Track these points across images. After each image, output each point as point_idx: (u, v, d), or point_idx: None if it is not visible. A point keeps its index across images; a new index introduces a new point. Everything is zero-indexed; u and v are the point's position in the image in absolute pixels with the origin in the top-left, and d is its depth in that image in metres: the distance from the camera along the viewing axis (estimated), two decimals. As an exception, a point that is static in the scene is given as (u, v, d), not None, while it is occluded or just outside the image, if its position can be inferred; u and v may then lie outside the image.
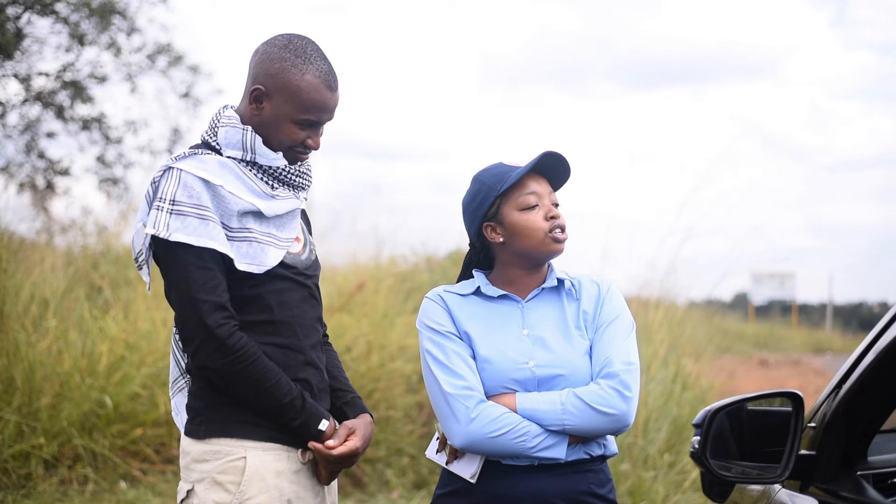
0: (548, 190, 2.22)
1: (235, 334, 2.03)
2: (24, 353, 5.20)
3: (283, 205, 2.15)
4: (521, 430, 2.08)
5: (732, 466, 1.98)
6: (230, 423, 2.08)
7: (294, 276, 2.16)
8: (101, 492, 5.06)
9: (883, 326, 1.84)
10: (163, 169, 2.10)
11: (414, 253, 9.52)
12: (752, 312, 27.62)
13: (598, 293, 2.24)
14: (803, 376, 12.96)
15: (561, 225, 2.20)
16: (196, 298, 2.03)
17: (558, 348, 2.15)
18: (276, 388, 2.05)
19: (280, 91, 2.11)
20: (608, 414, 2.08)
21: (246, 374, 2.03)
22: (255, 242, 2.09)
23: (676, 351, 6.64)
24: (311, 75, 2.11)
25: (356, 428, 2.18)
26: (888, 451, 2.04)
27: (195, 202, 2.04)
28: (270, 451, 2.09)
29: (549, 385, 2.13)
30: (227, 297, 2.06)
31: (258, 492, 2.06)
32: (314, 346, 2.20)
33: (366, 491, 5.72)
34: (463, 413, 2.09)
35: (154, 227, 2.03)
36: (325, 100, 2.13)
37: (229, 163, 2.12)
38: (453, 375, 2.12)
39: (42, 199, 9.63)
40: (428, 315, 2.21)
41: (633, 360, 2.14)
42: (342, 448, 2.12)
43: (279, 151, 2.16)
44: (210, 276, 2.04)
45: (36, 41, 9.47)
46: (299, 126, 2.14)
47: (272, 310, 2.11)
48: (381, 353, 6.46)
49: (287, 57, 2.12)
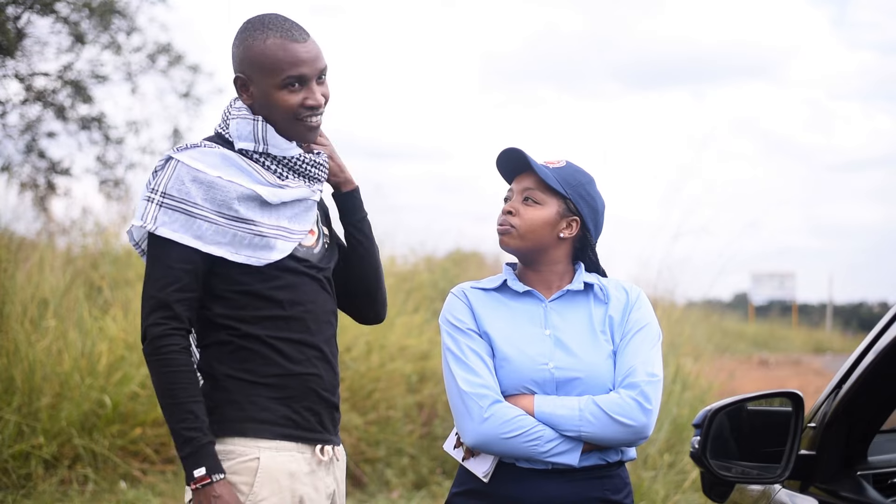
0: (522, 186, 2.20)
1: (167, 337, 2.02)
2: (24, 353, 5.20)
3: (288, 193, 2.12)
4: (534, 434, 2.06)
5: (732, 466, 1.98)
6: (244, 423, 2.06)
7: (306, 269, 2.14)
8: (101, 492, 5.06)
9: (883, 326, 1.84)
10: (164, 158, 2.10)
11: (413, 253, 9.53)
12: (752, 312, 27.61)
13: (627, 300, 2.19)
14: (803, 376, 12.95)
15: (500, 220, 2.19)
16: (146, 293, 2.05)
17: (580, 351, 2.13)
18: (176, 409, 2.00)
19: (253, 67, 2.11)
20: (626, 425, 2.06)
21: (158, 381, 2.02)
22: (259, 235, 2.08)
23: (676, 351, 6.64)
24: (271, 39, 2.09)
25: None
26: (888, 451, 2.03)
27: (184, 197, 2.04)
28: (284, 452, 2.07)
29: (567, 388, 2.11)
30: (179, 298, 2.03)
31: (270, 493, 2.04)
32: (328, 341, 2.18)
33: (366, 491, 5.72)
34: (477, 412, 2.08)
35: (142, 218, 2.05)
36: (294, 53, 2.09)
37: (234, 156, 2.10)
38: (470, 373, 2.11)
39: (42, 200, 9.63)
40: (450, 311, 2.20)
41: (656, 373, 2.11)
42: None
43: (291, 139, 2.14)
44: (168, 273, 2.03)
45: (36, 41, 9.47)
46: (287, 91, 2.10)
47: (283, 305, 2.10)
48: (381, 353, 6.45)
49: (247, 35, 2.12)
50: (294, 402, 2.10)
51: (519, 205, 2.18)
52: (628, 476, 2.19)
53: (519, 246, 2.18)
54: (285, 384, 2.09)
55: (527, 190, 2.18)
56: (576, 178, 2.20)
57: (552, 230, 2.18)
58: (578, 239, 2.22)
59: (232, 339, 2.08)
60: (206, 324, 2.09)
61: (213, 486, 1.98)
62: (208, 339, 2.10)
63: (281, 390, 2.09)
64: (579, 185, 2.20)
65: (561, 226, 2.18)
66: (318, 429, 2.14)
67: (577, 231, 2.20)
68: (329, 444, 2.16)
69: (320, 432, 2.14)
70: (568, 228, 2.19)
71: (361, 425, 5.98)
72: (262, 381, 2.08)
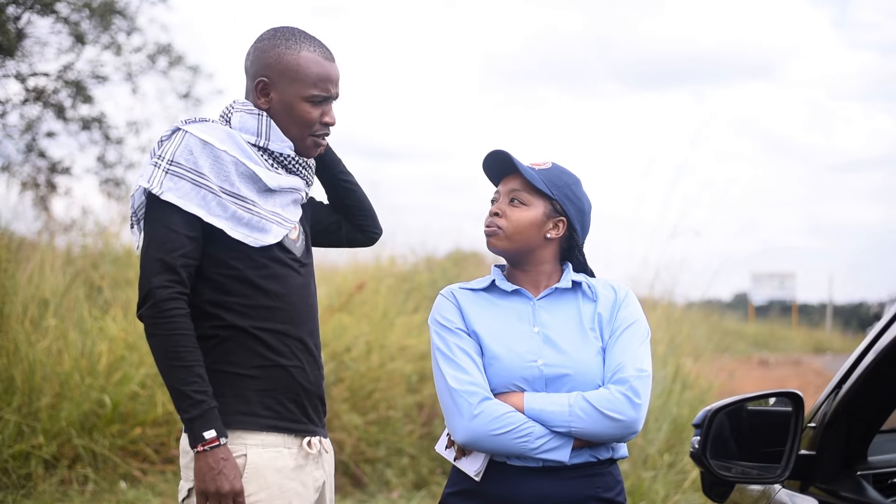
0: (509, 188, 2.21)
1: (174, 300, 2.01)
2: (24, 353, 5.21)
3: (285, 180, 2.16)
4: (524, 430, 2.07)
5: (732, 466, 1.98)
6: (230, 416, 2.07)
7: (291, 261, 2.16)
8: (101, 492, 5.06)
9: (883, 326, 1.84)
10: (171, 129, 2.12)
11: (414, 253, 9.54)
12: (752, 312, 27.62)
13: (615, 297, 2.22)
14: (803, 376, 12.96)
15: (487, 222, 2.21)
16: (151, 256, 2.04)
17: (568, 348, 2.14)
18: (184, 371, 2.00)
19: (283, 75, 2.14)
20: (616, 420, 2.07)
21: (163, 343, 2.01)
22: (257, 216, 2.10)
23: (675, 351, 6.65)
24: (306, 51, 2.15)
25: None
26: (888, 451, 2.03)
27: (192, 166, 2.05)
28: (270, 449, 2.08)
29: (556, 384, 2.12)
30: (184, 263, 2.04)
31: (258, 489, 2.06)
32: (311, 333, 2.20)
33: (366, 491, 5.72)
34: (466, 409, 2.09)
35: (149, 181, 2.05)
36: (327, 70, 2.16)
37: (237, 136, 2.13)
38: (459, 370, 2.12)
39: (43, 199, 9.63)
40: (439, 311, 2.22)
41: (645, 368, 2.13)
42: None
43: (298, 141, 2.17)
44: (174, 238, 2.03)
45: (36, 41, 9.47)
46: (311, 104, 2.15)
47: (269, 294, 2.11)
48: (381, 353, 6.46)
49: (279, 43, 2.16)
50: (279, 393, 2.11)
51: (505, 206, 2.20)
52: (620, 474, 2.20)
53: (506, 247, 2.20)
54: (270, 375, 2.11)
55: (513, 191, 2.20)
56: (562, 180, 2.22)
57: (539, 231, 2.19)
58: (566, 239, 2.24)
59: (217, 332, 2.09)
60: (192, 313, 2.08)
61: (221, 449, 1.99)
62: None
63: (266, 382, 2.10)
64: (565, 186, 2.22)
65: (547, 226, 2.20)
66: (304, 420, 2.15)
67: (563, 231, 2.22)
68: (316, 436, 2.17)
69: (305, 424, 2.15)
70: (555, 229, 2.21)
71: (361, 425, 5.98)
72: (247, 372, 2.09)
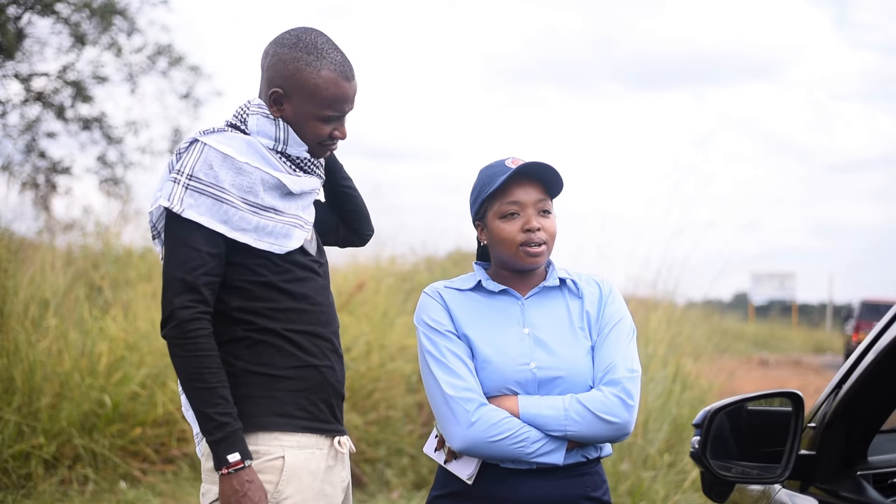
0: (535, 198, 2.13)
1: (196, 321, 2.01)
2: (24, 353, 5.21)
3: (306, 182, 2.17)
4: (520, 436, 2.06)
5: (732, 466, 1.98)
6: (265, 417, 2.07)
7: (311, 262, 2.17)
8: (101, 492, 5.06)
9: (883, 326, 1.84)
10: (189, 141, 2.11)
11: (414, 253, 9.55)
12: (752, 312, 27.63)
13: (601, 294, 2.20)
14: (803, 376, 12.97)
15: (536, 240, 2.11)
16: (172, 275, 2.03)
17: (560, 349, 2.13)
18: (207, 393, 2.00)
19: (299, 91, 2.12)
20: (611, 422, 2.07)
21: (186, 364, 2.01)
22: (281, 224, 2.10)
23: (675, 351, 6.64)
24: (326, 70, 2.11)
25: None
26: (888, 451, 2.03)
27: (212, 181, 2.04)
28: (305, 450, 2.09)
29: (549, 387, 2.11)
30: (207, 281, 2.03)
31: (295, 491, 2.07)
32: (336, 333, 2.21)
33: (366, 491, 5.72)
34: (463, 416, 2.07)
35: (169, 199, 2.04)
36: (344, 92, 2.14)
37: (256, 143, 2.12)
38: (453, 376, 2.10)
39: (43, 199, 9.64)
40: (426, 312, 2.17)
41: (635, 368, 2.13)
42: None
43: (308, 146, 2.18)
44: (195, 256, 2.03)
45: (37, 41, 9.48)
46: (324, 122, 2.15)
47: (295, 297, 2.12)
48: (381, 353, 6.46)
49: (300, 56, 2.11)
50: (311, 393, 2.12)
51: (540, 219, 2.14)
52: (604, 473, 2.21)
53: (545, 259, 2.16)
54: (303, 376, 2.11)
55: (540, 202, 2.14)
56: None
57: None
58: None
59: (249, 335, 2.09)
60: (221, 319, 2.09)
61: (245, 471, 2.00)
62: (224, 335, 2.10)
63: (299, 382, 2.11)
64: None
65: None
66: (332, 420, 2.17)
67: None
68: (343, 435, 2.20)
69: (334, 423, 2.17)
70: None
71: (361, 425, 5.98)
72: (281, 373, 2.10)
